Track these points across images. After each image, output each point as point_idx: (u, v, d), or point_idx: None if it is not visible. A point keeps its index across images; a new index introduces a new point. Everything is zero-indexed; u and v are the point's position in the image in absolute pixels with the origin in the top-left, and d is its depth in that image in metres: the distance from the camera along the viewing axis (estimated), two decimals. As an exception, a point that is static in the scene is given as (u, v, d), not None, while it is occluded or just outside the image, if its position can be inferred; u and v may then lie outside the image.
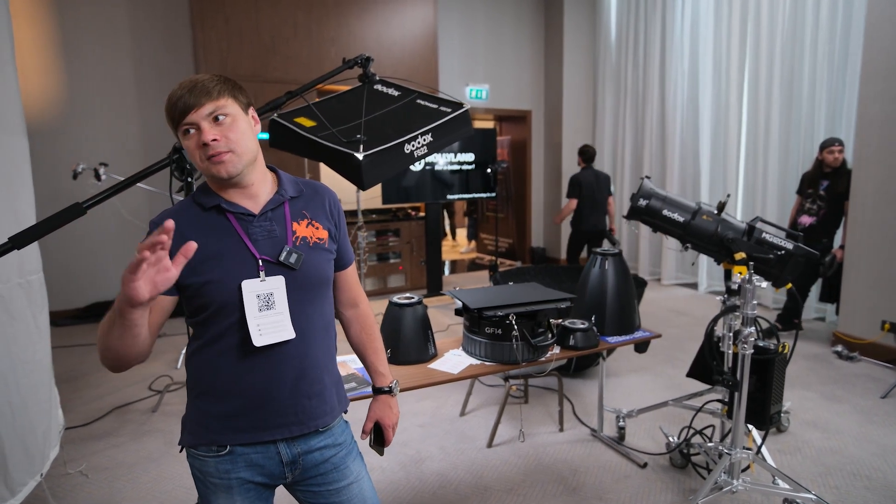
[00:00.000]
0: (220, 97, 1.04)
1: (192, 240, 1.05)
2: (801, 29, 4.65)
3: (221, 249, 1.07)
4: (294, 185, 1.19)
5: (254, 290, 1.06)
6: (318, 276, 1.14)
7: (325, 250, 1.16)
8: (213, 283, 1.05)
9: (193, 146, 1.04)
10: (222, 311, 1.06)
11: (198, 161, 1.04)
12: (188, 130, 1.03)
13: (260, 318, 1.06)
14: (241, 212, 1.09)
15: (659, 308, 5.17)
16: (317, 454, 1.17)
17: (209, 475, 1.11)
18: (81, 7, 4.75)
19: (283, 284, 1.08)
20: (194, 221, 1.08)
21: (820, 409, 3.02)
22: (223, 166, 1.04)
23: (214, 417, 1.10)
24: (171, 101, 1.03)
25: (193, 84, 1.03)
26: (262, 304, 1.06)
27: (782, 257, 2.21)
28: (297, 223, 1.14)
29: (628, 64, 6.53)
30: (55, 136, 4.74)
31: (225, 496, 1.12)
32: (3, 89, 2.01)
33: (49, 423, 2.18)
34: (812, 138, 4.64)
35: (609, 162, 6.96)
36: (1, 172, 1.96)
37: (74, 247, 4.89)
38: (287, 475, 1.16)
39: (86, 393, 3.37)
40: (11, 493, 1.92)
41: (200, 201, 1.10)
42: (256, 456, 1.11)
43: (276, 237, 1.10)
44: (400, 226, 5.94)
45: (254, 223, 1.10)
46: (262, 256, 1.08)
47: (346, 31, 5.33)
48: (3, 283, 1.91)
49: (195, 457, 1.12)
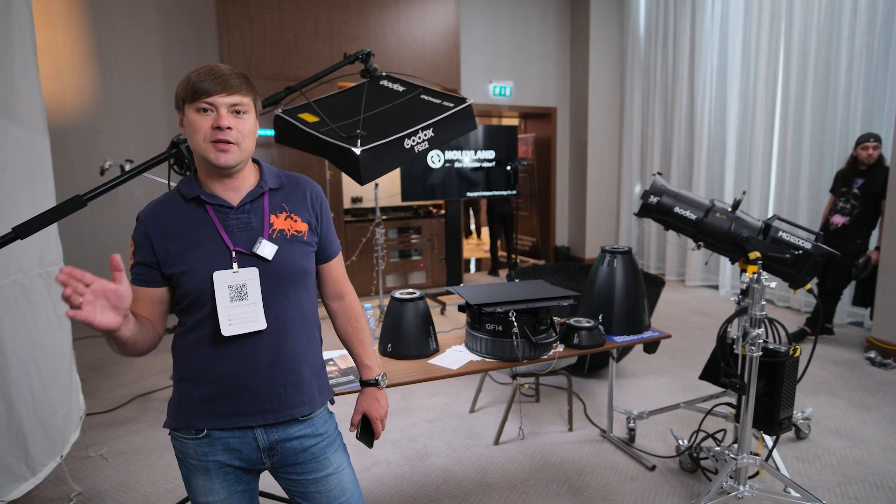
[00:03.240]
0: (247, 94, 1.08)
1: (172, 230, 1.10)
2: (839, 19, 4.44)
3: (198, 240, 1.09)
4: (276, 178, 1.20)
5: (225, 281, 1.08)
6: (293, 268, 1.15)
7: (302, 243, 1.18)
8: (188, 274, 1.08)
9: (205, 125, 1.05)
10: (198, 301, 1.09)
11: (199, 140, 1.06)
12: (206, 109, 1.05)
13: (231, 309, 1.08)
14: (219, 203, 1.12)
15: (681, 309, 5.04)
16: (296, 443, 1.19)
17: (189, 457, 1.16)
18: (114, 10, 4.93)
19: (256, 276, 1.10)
20: (175, 212, 1.11)
21: (846, 416, 2.89)
22: (225, 155, 1.06)
23: (192, 402, 1.13)
24: (195, 79, 1.06)
25: (224, 74, 1.07)
26: (234, 294, 1.08)
27: (799, 257, 2.12)
28: (274, 216, 1.16)
29: (657, 58, 6.37)
30: (89, 134, 4.94)
31: (204, 477, 1.15)
32: (27, 91, 2.11)
33: (70, 407, 2.29)
34: (847, 134, 4.43)
35: (637, 159, 6.82)
36: (24, 168, 2.06)
37: (107, 241, 5.10)
38: (265, 461, 1.18)
39: (111, 381, 3.50)
40: (32, 473, 2.02)
41: (183, 192, 1.13)
42: (233, 440, 1.14)
43: (252, 229, 1.12)
44: (421, 223, 5.96)
45: (230, 215, 1.12)
46: (236, 248, 1.10)
47: (368, 30, 5.37)
48: (23, 274, 2.01)
49: (177, 438, 1.16)
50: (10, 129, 1.98)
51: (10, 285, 1.92)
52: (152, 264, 1.10)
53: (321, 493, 1.21)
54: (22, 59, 2.08)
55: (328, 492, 1.22)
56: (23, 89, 2.07)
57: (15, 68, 2.03)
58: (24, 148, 2.06)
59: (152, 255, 1.10)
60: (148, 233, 1.10)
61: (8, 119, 1.97)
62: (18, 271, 1.97)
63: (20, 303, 1.98)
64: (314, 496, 1.22)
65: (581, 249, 7.17)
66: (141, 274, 1.11)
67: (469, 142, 5.56)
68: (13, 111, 2.01)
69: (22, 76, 2.07)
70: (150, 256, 1.10)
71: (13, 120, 2.00)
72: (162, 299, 1.13)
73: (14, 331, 1.93)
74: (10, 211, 1.88)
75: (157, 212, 1.12)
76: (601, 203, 7.13)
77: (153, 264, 1.10)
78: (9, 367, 1.89)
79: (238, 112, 1.07)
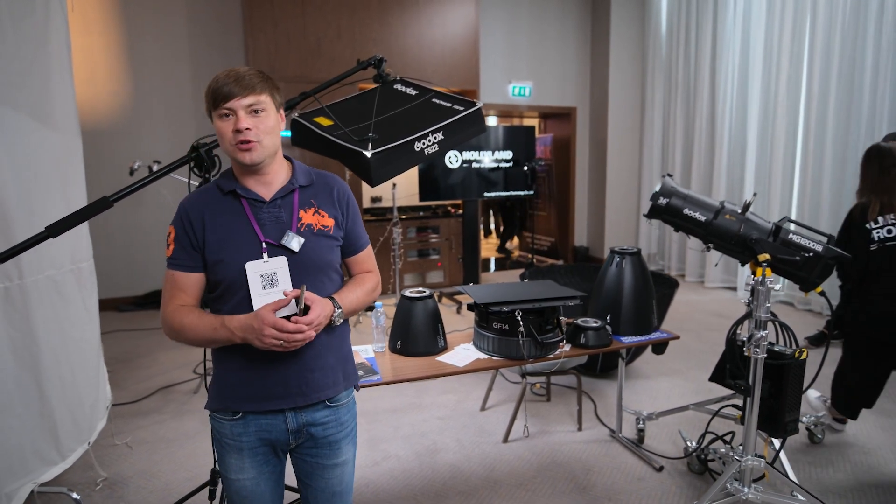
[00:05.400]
0: (261, 93, 1.16)
1: (210, 220, 1.20)
2: (864, 15, 4.34)
3: (233, 231, 1.19)
4: (306, 175, 1.29)
5: (257, 270, 1.17)
6: (319, 259, 1.23)
7: (329, 237, 1.26)
8: (223, 263, 1.18)
9: (227, 129, 1.14)
10: (230, 289, 1.19)
11: (227, 144, 1.16)
12: (227, 115, 1.15)
13: (264, 297, 1.17)
14: (254, 197, 1.21)
15: (699, 311, 5.00)
16: (320, 428, 1.27)
17: (224, 436, 1.25)
18: (146, 18, 5.12)
19: (285, 264, 1.19)
20: (213, 204, 1.21)
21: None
22: (248, 154, 1.15)
23: (229, 385, 1.23)
24: (214, 86, 1.15)
25: (240, 76, 1.15)
26: (265, 282, 1.18)
27: (810, 259, 2.11)
28: (303, 210, 1.24)
29: (679, 57, 6.30)
30: (122, 135, 5.14)
31: (237, 456, 1.24)
32: (62, 96, 2.23)
33: (97, 397, 2.41)
34: (873, 134, 4.33)
35: (658, 159, 6.75)
36: (57, 169, 2.18)
37: (136, 238, 5.29)
38: (291, 442, 1.27)
39: (138, 373, 3.65)
40: (62, 457, 2.14)
41: (220, 185, 1.23)
42: (265, 422, 1.23)
43: (282, 222, 1.21)
44: (440, 223, 6.02)
45: (263, 209, 1.21)
46: (266, 239, 1.19)
47: (389, 32, 5.45)
48: (56, 269, 2.13)
49: (215, 419, 1.26)
50: (46, 133, 2.10)
51: (43, 280, 2.05)
52: (196, 248, 1.20)
53: (324, 478, 1.30)
54: (59, 66, 2.20)
55: (329, 479, 1.31)
56: (58, 95, 2.20)
57: (52, 76, 2.15)
58: (58, 151, 2.18)
59: (195, 240, 1.19)
60: (190, 220, 1.20)
61: (44, 124, 2.09)
62: (52, 267, 2.09)
63: (53, 297, 2.10)
64: (317, 480, 1.31)
65: (600, 250, 7.13)
66: (185, 260, 1.20)
67: (487, 142, 5.60)
68: (49, 116, 2.13)
69: (58, 83, 2.20)
70: (192, 241, 1.19)
71: (49, 125, 2.12)
72: (203, 284, 1.23)
73: (46, 323, 2.05)
74: (44, 211, 2.00)
75: (197, 202, 1.22)
76: (621, 203, 7.08)
77: (197, 248, 1.20)
78: (41, 357, 2.01)
79: (256, 111, 1.15)
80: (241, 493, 1.25)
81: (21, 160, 1.95)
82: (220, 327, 1.14)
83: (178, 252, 1.20)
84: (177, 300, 1.20)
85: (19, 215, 1.90)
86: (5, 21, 1.88)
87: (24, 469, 1.95)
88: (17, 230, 1.86)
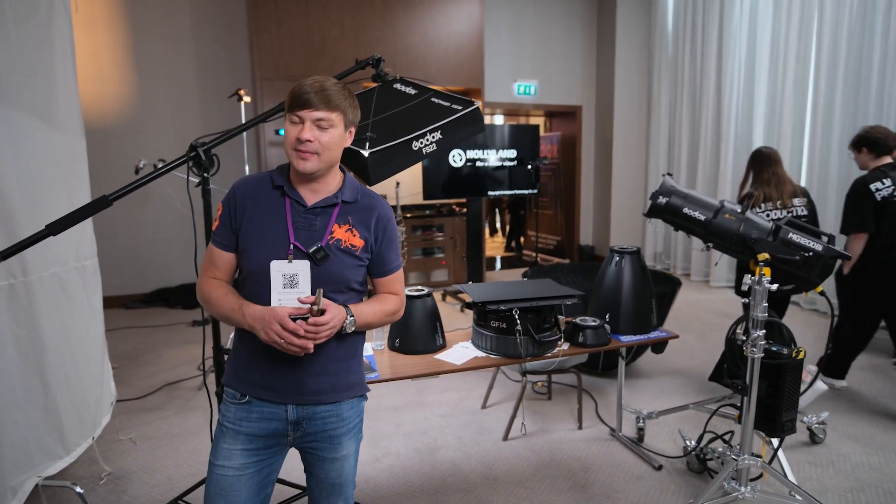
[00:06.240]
0: (333, 110, 1.20)
1: (251, 208, 1.26)
2: (872, 13, 4.30)
3: (268, 225, 1.24)
4: (353, 192, 1.31)
5: (280, 269, 1.21)
6: (338, 275, 1.26)
7: (354, 256, 1.28)
8: (250, 252, 1.23)
9: (293, 134, 1.20)
10: (252, 277, 1.24)
11: (288, 147, 1.22)
12: (297, 122, 1.20)
13: (283, 294, 1.21)
14: (297, 199, 1.25)
15: (703, 310, 4.98)
16: (320, 422, 1.30)
17: (227, 419, 1.29)
18: (152, 17, 5.16)
19: (307, 268, 1.22)
20: (260, 194, 1.27)
21: (865, 422, 2.83)
22: (304, 163, 1.20)
23: (241, 367, 1.28)
24: (296, 91, 1.19)
25: (321, 88, 1.19)
26: (286, 282, 1.22)
27: (809, 259, 2.10)
28: (338, 225, 1.27)
29: (685, 56, 6.27)
30: (127, 134, 5.19)
31: (231, 441, 1.27)
32: (65, 96, 2.26)
33: (101, 393, 2.44)
34: (881, 133, 4.28)
35: (664, 158, 6.72)
36: (61, 169, 2.21)
37: (141, 235, 5.34)
38: (290, 433, 1.29)
39: (143, 370, 3.69)
40: (66, 452, 2.18)
41: (273, 177, 1.28)
42: (268, 409, 1.27)
43: (315, 230, 1.25)
44: (444, 221, 6.03)
45: (301, 213, 1.25)
46: (295, 242, 1.23)
47: (392, 31, 5.46)
48: (61, 267, 2.16)
49: (224, 401, 1.31)
50: (50, 133, 2.13)
51: (49, 277, 2.08)
52: (234, 230, 1.26)
53: (324, 470, 1.33)
54: (62, 66, 2.23)
55: (329, 471, 1.33)
56: (62, 95, 2.23)
57: (55, 75, 2.18)
58: (61, 151, 2.21)
59: (234, 222, 1.25)
60: (236, 202, 1.26)
61: (48, 124, 2.12)
62: (56, 264, 2.13)
63: (57, 294, 2.13)
64: (317, 471, 1.34)
65: (605, 249, 7.11)
66: (224, 239, 1.27)
67: (492, 141, 5.60)
68: (53, 116, 2.16)
69: (61, 83, 2.23)
70: (232, 223, 1.26)
71: (52, 124, 2.15)
72: (235, 264, 1.30)
73: (51, 320, 2.08)
74: (47, 209, 2.03)
75: (248, 187, 1.28)
76: (626, 202, 7.06)
77: (234, 230, 1.26)
78: (46, 353, 2.04)
79: (322, 127, 1.19)
80: (219, 483, 1.25)
81: (25, 160, 1.98)
82: (237, 310, 1.21)
83: (220, 229, 1.27)
84: (210, 273, 1.29)
85: (23, 214, 1.93)
86: (9, 22, 1.91)
87: (29, 463, 1.98)
88: (22, 228, 1.89)
